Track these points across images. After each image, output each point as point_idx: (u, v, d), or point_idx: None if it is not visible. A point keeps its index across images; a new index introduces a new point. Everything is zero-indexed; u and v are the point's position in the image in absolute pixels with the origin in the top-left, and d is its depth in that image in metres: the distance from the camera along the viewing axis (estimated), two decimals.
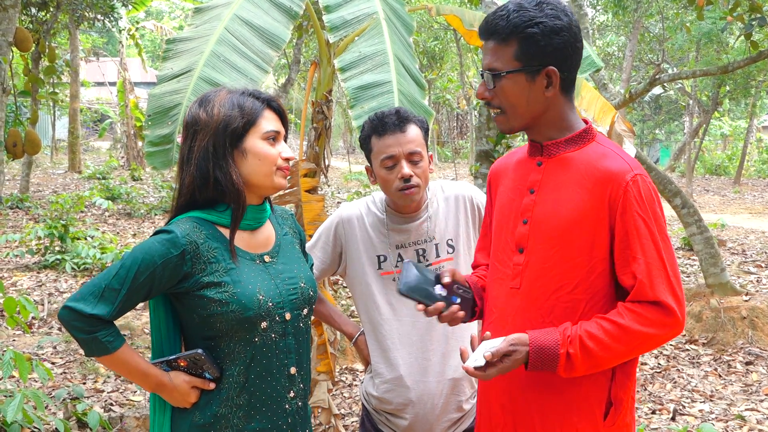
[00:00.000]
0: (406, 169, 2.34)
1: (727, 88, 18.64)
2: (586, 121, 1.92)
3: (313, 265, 2.21)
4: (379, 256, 2.50)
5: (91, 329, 1.77)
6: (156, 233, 1.85)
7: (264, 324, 1.86)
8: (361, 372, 5.92)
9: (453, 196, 2.55)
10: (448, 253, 2.50)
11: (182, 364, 1.86)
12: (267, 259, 1.95)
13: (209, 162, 1.86)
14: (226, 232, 1.90)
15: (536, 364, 1.75)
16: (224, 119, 1.86)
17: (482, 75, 1.86)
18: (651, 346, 1.78)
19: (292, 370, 1.93)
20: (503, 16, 1.79)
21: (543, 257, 1.84)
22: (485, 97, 1.87)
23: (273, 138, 1.92)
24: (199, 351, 1.83)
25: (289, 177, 1.99)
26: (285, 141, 1.98)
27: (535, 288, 1.85)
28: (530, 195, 1.90)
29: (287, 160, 1.93)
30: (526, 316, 1.86)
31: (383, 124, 2.37)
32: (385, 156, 2.36)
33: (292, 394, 1.93)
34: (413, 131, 2.38)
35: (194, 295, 1.83)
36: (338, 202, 13.37)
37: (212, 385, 1.87)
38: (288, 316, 1.91)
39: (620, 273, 1.79)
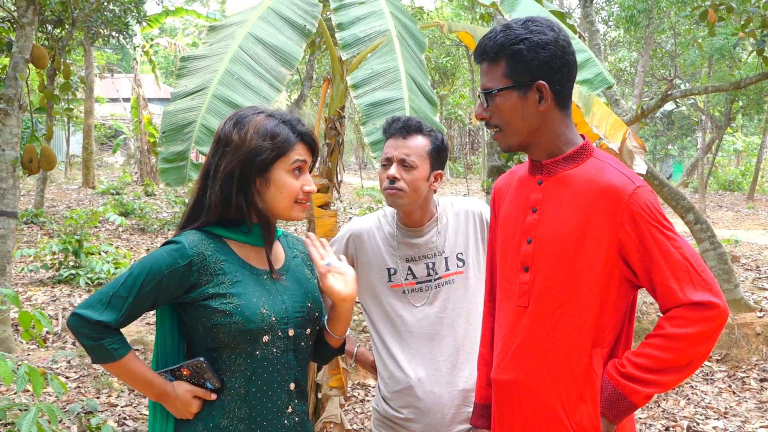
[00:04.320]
0: (392, 170, 2.43)
1: (740, 103, 18.61)
2: (583, 137, 1.94)
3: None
4: (389, 269, 2.54)
5: (98, 336, 1.80)
6: (165, 244, 1.88)
7: (266, 338, 1.88)
8: (372, 387, 5.91)
9: (463, 211, 2.59)
10: (458, 266, 2.53)
11: (185, 373, 1.89)
12: (275, 276, 1.96)
13: (233, 186, 1.88)
14: (234, 246, 1.93)
15: (604, 404, 1.81)
16: (255, 148, 1.87)
17: (479, 96, 1.92)
18: (704, 344, 1.74)
19: (291, 386, 1.95)
20: (491, 37, 1.85)
21: (548, 275, 1.87)
22: (483, 117, 1.92)
23: (299, 168, 1.92)
24: (201, 359, 1.86)
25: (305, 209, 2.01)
26: (311, 171, 1.99)
27: (541, 305, 1.88)
28: (533, 214, 1.92)
29: (308, 193, 1.95)
30: (531, 333, 1.89)
31: (390, 128, 2.50)
32: (384, 156, 2.49)
33: (290, 410, 1.95)
34: (416, 141, 2.45)
35: (199, 305, 1.85)
36: (350, 218, 13.39)
37: (214, 396, 1.89)
38: (291, 332, 1.93)
39: (646, 283, 1.80)
